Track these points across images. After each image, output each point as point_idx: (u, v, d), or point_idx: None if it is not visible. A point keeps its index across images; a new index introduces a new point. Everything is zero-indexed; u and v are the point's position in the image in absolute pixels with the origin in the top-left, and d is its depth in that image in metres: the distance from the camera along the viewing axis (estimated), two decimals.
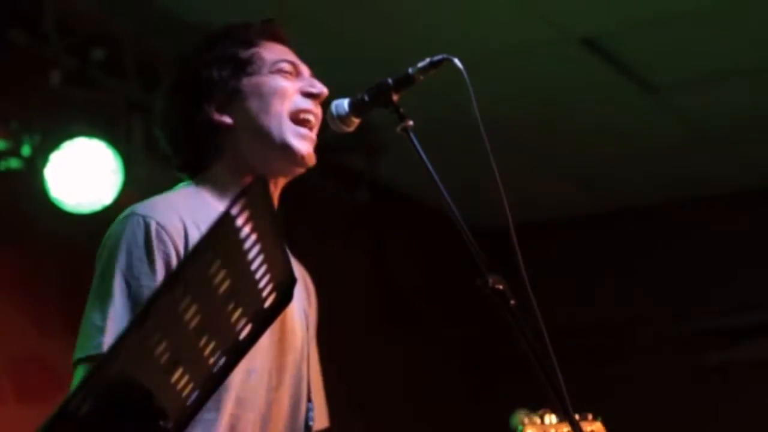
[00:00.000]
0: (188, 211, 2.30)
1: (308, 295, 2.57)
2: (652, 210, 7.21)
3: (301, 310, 2.48)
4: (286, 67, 2.44)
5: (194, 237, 2.26)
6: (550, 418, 2.71)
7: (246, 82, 2.41)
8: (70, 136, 4.73)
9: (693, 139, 6.43)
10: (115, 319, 2.16)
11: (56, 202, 4.70)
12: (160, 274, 2.20)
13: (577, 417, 2.79)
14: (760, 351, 6.82)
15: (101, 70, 5.02)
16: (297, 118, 2.40)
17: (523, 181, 6.47)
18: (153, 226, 2.23)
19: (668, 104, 6.07)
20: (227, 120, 2.40)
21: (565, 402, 2.19)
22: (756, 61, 5.63)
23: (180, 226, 2.26)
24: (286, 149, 2.38)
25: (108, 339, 2.15)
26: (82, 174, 4.72)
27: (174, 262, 2.22)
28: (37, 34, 4.87)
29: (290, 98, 2.40)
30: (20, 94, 4.85)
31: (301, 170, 2.42)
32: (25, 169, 4.76)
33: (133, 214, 2.27)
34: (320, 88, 2.44)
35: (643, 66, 5.66)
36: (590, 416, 2.81)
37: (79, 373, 2.19)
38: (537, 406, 2.84)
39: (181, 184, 2.46)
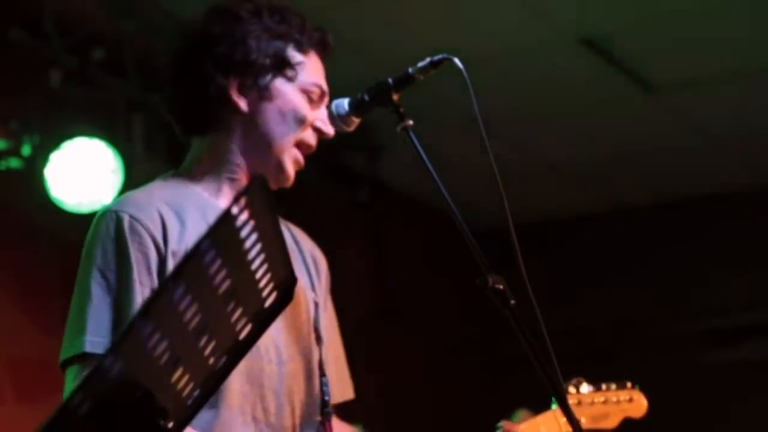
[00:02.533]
0: (165, 199, 2.29)
1: (316, 268, 2.55)
2: (652, 210, 7.21)
3: (308, 285, 2.47)
4: (316, 93, 2.40)
5: (173, 226, 2.25)
6: (588, 388, 2.73)
7: (279, 84, 2.36)
8: (70, 136, 4.73)
9: (692, 139, 6.43)
10: (94, 316, 2.17)
11: (56, 202, 4.70)
12: (137, 267, 2.20)
13: (614, 386, 2.81)
14: (760, 351, 6.83)
15: (101, 70, 5.02)
16: (298, 146, 2.39)
17: (523, 181, 6.47)
18: (126, 220, 2.22)
19: (668, 104, 6.07)
20: (242, 104, 2.35)
21: (565, 401, 2.19)
22: (756, 62, 5.63)
23: (156, 217, 2.25)
24: (278, 168, 2.37)
25: (90, 338, 2.16)
26: (82, 174, 4.72)
27: (152, 253, 2.22)
28: (37, 34, 4.86)
29: (304, 128, 2.38)
30: (20, 94, 4.85)
31: (275, 187, 2.39)
32: (25, 169, 4.76)
33: (106, 210, 2.28)
34: (329, 131, 2.41)
35: (643, 66, 5.67)
36: (629, 384, 2.82)
37: (69, 376, 2.21)
38: (537, 405, 2.84)
39: (159, 176, 2.44)
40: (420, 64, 2.35)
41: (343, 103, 2.40)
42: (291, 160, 2.37)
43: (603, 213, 7.30)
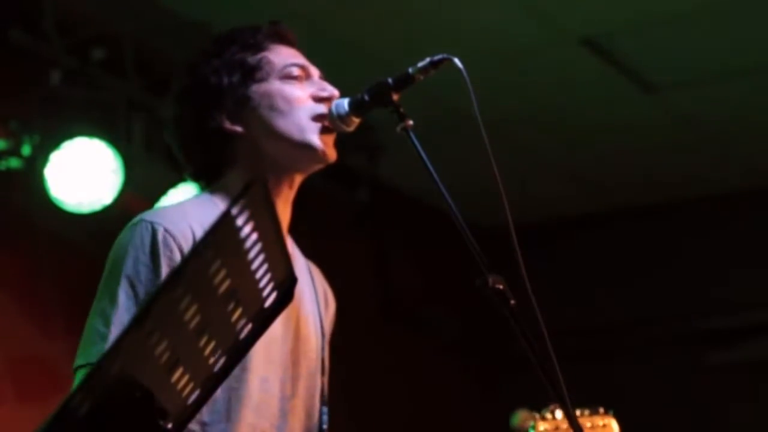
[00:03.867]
0: (199, 219, 2.28)
1: (326, 303, 2.57)
2: (652, 210, 7.21)
3: (317, 318, 2.48)
4: (296, 71, 2.42)
5: None
6: (562, 414, 2.72)
7: (255, 89, 2.39)
8: (70, 136, 4.73)
9: (693, 139, 6.43)
10: (119, 325, 2.15)
11: (56, 202, 4.70)
12: None
13: (587, 411, 2.81)
14: (760, 351, 6.82)
15: (101, 70, 5.01)
16: (315, 121, 2.40)
17: (523, 181, 6.46)
18: (161, 233, 2.22)
19: (668, 104, 6.07)
20: (239, 129, 2.39)
21: (565, 402, 2.19)
22: (756, 61, 5.63)
23: (189, 234, 2.24)
24: (307, 146, 2.37)
25: None
26: (82, 174, 4.72)
27: None
28: (37, 34, 4.86)
29: (304, 105, 2.39)
30: (20, 94, 4.85)
31: (320, 166, 2.42)
32: (25, 169, 4.76)
33: (141, 220, 2.26)
34: (331, 91, 2.42)
35: (643, 66, 5.66)
36: (602, 410, 2.82)
37: (78, 379, 2.18)
38: (537, 405, 2.84)
39: (195, 194, 2.46)
40: (420, 64, 2.35)
41: (343, 103, 2.40)
42: (315, 135, 2.38)
43: (603, 213, 7.30)
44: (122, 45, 5.09)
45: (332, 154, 2.40)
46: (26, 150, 4.75)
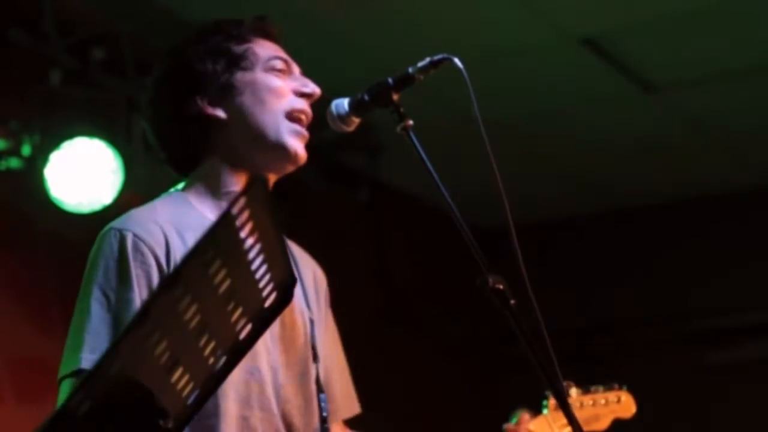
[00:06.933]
0: (170, 219, 2.30)
1: (315, 286, 2.56)
2: (652, 210, 7.21)
3: (303, 303, 2.47)
4: (279, 64, 2.44)
5: (176, 245, 2.26)
6: (577, 391, 2.74)
7: (240, 77, 2.41)
8: (70, 136, 4.73)
9: (693, 139, 6.43)
10: (93, 333, 2.17)
11: (56, 202, 4.70)
12: (139, 286, 2.20)
13: (602, 388, 2.83)
14: (760, 351, 6.82)
15: (101, 70, 5.02)
16: (291, 117, 2.41)
17: (523, 181, 6.46)
18: (129, 238, 2.23)
19: (668, 104, 6.07)
20: (220, 114, 2.39)
21: (565, 402, 2.19)
22: (756, 61, 5.63)
23: (160, 236, 2.25)
24: (281, 147, 2.38)
25: (86, 354, 2.16)
26: (82, 174, 4.72)
27: (154, 272, 2.22)
28: (37, 34, 4.86)
29: (284, 97, 2.41)
30: (20, 94, 4.85)
31: (292, 168, 2.42)
32: (25, 169, 4.76)
33: (110, 229, 2.28)
34: (313, 88, 2.44)
35: (643, 66, 5.66)
36: (616, 385, 2.84)
37: (63, 390, 2.21)
38: (537, 406, 2.85)
39: (165, 193, 2.46)
40: (420, 64, 2.35)
41: (343, 103, 2.40)
42: (289, 134, 2.39)
43: (603, 213, 7.30)
44: (122, 45, 5.08)
45: (303, 156, 2.41)
46: (26, 150, 4.76)
